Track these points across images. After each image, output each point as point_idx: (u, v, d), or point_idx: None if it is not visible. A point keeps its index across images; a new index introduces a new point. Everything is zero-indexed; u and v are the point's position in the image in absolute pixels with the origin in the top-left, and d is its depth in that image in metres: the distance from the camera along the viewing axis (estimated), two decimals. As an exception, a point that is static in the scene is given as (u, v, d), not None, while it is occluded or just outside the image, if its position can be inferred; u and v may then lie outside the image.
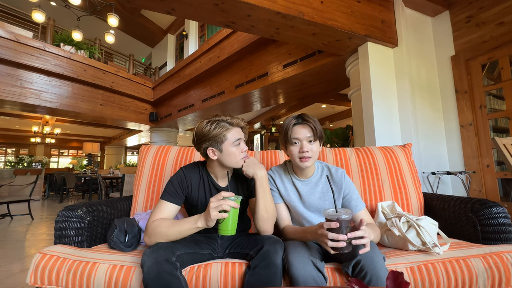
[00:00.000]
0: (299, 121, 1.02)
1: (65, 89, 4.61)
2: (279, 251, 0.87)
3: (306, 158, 0.99)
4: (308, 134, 0.99)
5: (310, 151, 0.99)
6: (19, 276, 1.83)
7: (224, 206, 0.81)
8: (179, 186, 1.01)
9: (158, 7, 2.01)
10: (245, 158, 1.00)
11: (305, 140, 0.99)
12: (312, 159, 1.00)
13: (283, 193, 1.10)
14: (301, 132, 1.00)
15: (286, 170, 1.14)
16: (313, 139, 1.00)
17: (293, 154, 1.01)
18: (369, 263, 0.79)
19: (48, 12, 5.10)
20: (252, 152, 1.54)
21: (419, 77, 2.47)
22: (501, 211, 1.04)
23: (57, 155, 12.17)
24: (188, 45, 7.58)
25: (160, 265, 0.79)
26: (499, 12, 2.22)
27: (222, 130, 0.96)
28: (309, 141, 1.00)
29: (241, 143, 1.01)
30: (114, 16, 4.50)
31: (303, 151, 0.98)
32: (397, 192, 1.38)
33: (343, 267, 0.85)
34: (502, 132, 2.57)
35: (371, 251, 0.80)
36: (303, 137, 0.99)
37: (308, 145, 0.99)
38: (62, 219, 1.05)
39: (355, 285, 0.48)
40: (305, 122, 1.00)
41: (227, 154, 0.98)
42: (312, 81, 3.48)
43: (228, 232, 0.84)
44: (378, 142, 2.21)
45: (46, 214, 4.63)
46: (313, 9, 2.02)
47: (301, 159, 0.99)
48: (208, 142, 0.97)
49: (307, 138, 0.99)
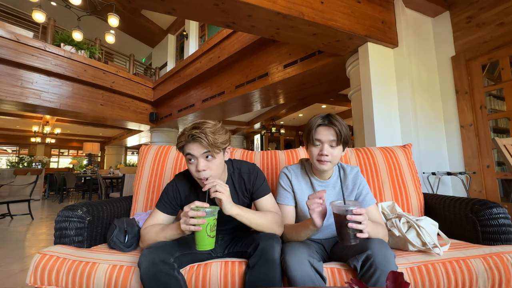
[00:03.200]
0: (325, 122, 0.95)
1: (65, 89, 4.61)
2: (276, 245, 0.86)
3: (324, 162, 0.94)
4: (331, 138, 0.94)
5: (330, 155, 0.94)
6: (19, 276, 1.83)
7: (191, 221, 0.75)
8: (173, 197, 0.99)
9: (158, 7, 2.01)
10: (208, 182, 0.84)
11: (327, 143, 0.94)
12: (331, 164, 0.95)
13: (298, 194, 1.04)
14: (324, 134, 0.94)
15: (304, 170, 1.09)
16: (335, 143, 0.94)
17: (312, 154, 0.97)
18: (381, 259, 0.77)
19: (48, 12, 5.11)
20: (252, 152, 1.54)
21: (419, 77, 2.47)
22: (501, 212, 1.03)
23: (57, 155, 12.17)
24: (189, 45, 7.58)
25: (157, 266, 0.79)
26: (499, 12, 2.22)
27: (178, 142, 0.92)
28: (331, 145, 0.94)
29: (193, 159, 0.88)
30: (115, 16, 4.50)
31: (322, 154, 0.94)
32: (397, 192, 1.37)
33: (352, 261, 0.83)
34: (502, 132, 2.57)
35: (383, 248, 0.79)
36: (326, 139, 0.94)
37: (329, 149, 0.94)
38: (62, 219, 1.05)
39: (355, 285, 0.48)
40: (331, 124, 0.94)
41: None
42: (312, 81, 3.48)
43: (205, 247, 0.76)
44: (378, 143, 2.21)
45: (46, 214, 4.63)
46: (314, 9, 2.02)
47: (319, 161, 0.95)
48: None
49: (330, 141, 0.94)
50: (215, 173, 0.90)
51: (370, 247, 0.80)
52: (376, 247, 0.80)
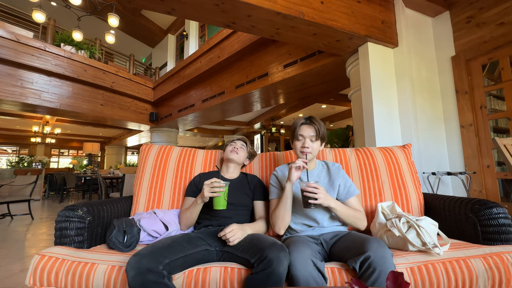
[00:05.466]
0: (307, 121, 1.18)
1: (65, 89, 4.61)
2: (284, 260, 0.83)
3: (305, 153, 1.14)
4: (312, 133, 1.15)
5: (310, 148, 1.14)
6: (19, 276, 1.83)
7: (215, 189, 1.06)
8: (198, 182, 1.31)
9: (158, 7, 2.01)
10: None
11: (308, 138, 1.15)
12: (310, 155, 1.15)
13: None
14: (306, 130, 1.16)
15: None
16: (315, 138, 1.15)
17: (296, 147, 1.18)
18: (379, 259, 0.80)
19: (48, 12, 5.12)
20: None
21: (420, 77, 2.47)
22: (501, 212, 1.03)
23: (57, 155, 12.17)
24: (189, 45, 7.59)
25: (144, 275, 0.79)
26: (499, 12, 2.22)
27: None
28: (311, 139, 1.15)
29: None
30: (115, 16, 4.50)
31: (304, 146, 1.14)
32: (397, 192, 1.37)
33: (350, 263, 0.85)
34: (502, 132, 2.57)
35: (380, 248, 0.82)
36: (307, 135, 1.15)
37: (309, 142, 1.15)
38: (62, 219, 1.05)
39: (355, 285, 0.48)
40: (312, 123, 1.17)
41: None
42: (313, 81, 3.48)
43: (220, 207, 1.08)
44: (378, 143, 2.21)
45: (46, 214, 4.63)
46: (314, 9, 2.02)
47: (302, 152, 1.15)
48: None
49: (310, 136, 1.15)
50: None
51: (368, 248, 0.82)
52: (373, 247, 0.82)
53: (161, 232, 1.15)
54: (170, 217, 1.22)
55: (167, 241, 0.96)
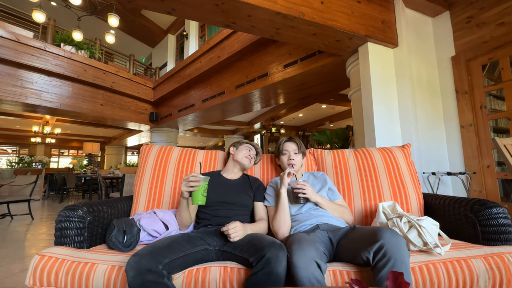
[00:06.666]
0: (289, 140, 1.42)
1: (65, 89, 4.61)
2: (282, 259, 0.84)
3: (291, 164, 1.33)
4: (294, 147, 1.38)
5: (295, 159, 1.34)
6: (19, 276, 1.83)
7: (190, 184, 1.02)
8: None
9: (158, 7, 2.01)
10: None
11: (292, 152, 1.37)
12: (296, 166, 1.34)
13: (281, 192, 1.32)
14: (290, 146, 1.39)
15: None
16: (297, 151, 1.38)
17: (283, 161, 1.38)
18: (393, 247, 0.79)
19: (48, 12, 5.12)
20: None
21: (420, 77, 2.47)
22: (501, 212, 1.03)
23: (57, 155, 12.16)
24: (189, 45, 7.59)
25: (143, 276, 0.79)
26: (499, 12, 2.22)
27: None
28: (295, 153, 1.36)
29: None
30: (115, 16, 4.50)
31: (290, 159, 1.35)
32: (396, 192, 1.37)
33: (364, 254, 0.84)
34: (502, 132, 2.57)
35: (395, 237, 0.83)
36: (291, 149, 1.37)
37: (293, 155, 1.36)
38: (62, 219, 1.05)
39: (355, 285, 0.48)
40: (293, 141, 1.41)
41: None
42: (313, 81, 3.48)
43: (198, 202, 1.03)
44: (378, 143, 2.21)
45: (46, 214, 4.63)
46: (314, 9, 2.02)
47: (289, 165, 1.34)
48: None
49: (294, 150, 1.37)
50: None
51: (382, 236, 0.82)
52: (387, 236, 0.82)
53: (161, 231, 1.15)
54: (170, 216, 1.22)
55: (166, 241, 0.96)
